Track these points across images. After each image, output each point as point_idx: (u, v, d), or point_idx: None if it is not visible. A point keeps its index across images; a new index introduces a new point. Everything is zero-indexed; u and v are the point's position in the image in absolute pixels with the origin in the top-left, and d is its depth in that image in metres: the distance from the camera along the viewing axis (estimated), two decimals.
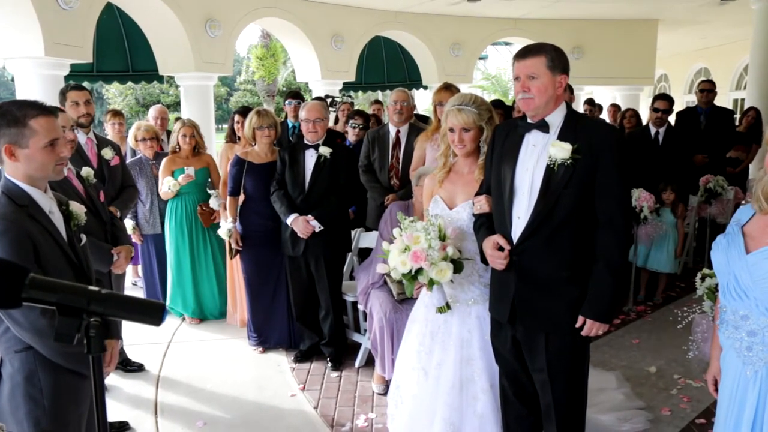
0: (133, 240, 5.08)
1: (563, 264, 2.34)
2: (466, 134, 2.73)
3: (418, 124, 5.16)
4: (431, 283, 2.61)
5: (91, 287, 1.12)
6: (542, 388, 2.50)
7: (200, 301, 5.14)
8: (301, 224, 4.08)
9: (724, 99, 14.23)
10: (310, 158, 4.15)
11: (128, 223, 4.96)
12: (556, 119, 2.34)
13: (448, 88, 4.24)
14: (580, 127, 2.30)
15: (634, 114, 7.64)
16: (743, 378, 1.95)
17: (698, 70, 16.97)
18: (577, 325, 2.36)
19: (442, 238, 2.60)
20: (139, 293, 5.63)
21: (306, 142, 4.17)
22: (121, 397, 3.85)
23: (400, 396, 3.03)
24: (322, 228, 4.08)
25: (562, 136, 2.31)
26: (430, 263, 2.54)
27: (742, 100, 13.38)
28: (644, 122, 8.60)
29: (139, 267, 5.84)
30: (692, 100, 14.19)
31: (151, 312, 1.13)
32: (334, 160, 4.13)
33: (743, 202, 7.43)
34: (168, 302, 5.13)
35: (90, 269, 2.15)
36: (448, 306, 2.73)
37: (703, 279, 2.77)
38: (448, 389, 2.79)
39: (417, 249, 2.54)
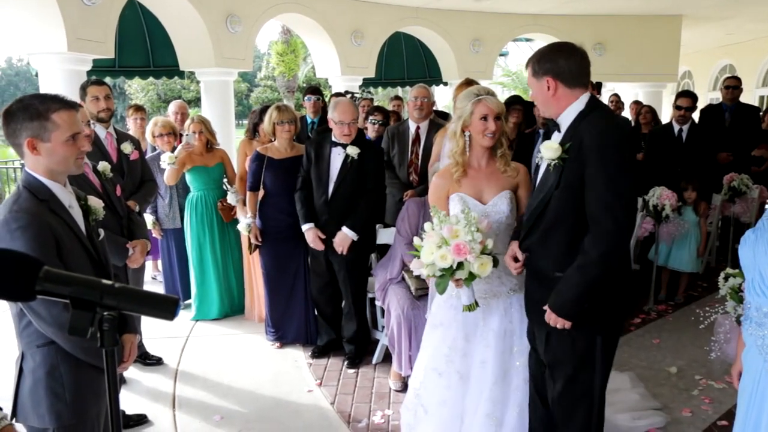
0: (153, 235, 5.12)
1: (557, 263, 2.35)
2: (498, 122, 2.71)
3: (438, 121, 5.14)
4: (470, 278, 2.49)
5: (105, 281, 1.12)
6: (548, 385, 2.54)
7: (223, 296, 5.16)
8: (312, 236, 4.08)
9: (749, 96, 13.96)
10: (337, 156, 4.05)
11: (148, 218, 5.00)
12: (566, 119, 2.32)
13: (469, 84, 4.19)
14: (582, 125, 2.25)
15: (650, 110, 7.51)
16: (764, 374, 1.92)
17: (723, 67, 16.67)
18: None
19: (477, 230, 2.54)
20: (159, 288, 5.68)
21: (334, 139, 4.07)
22: (140, 390, 3.89)
23: (421, 405, 2.91)
24: (357, 237, 4.02)
25: (566, 136, 2.29)
26: (476, 256, 2.42)
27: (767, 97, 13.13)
28: (664, 119, 8.51)
29: (159, 261, 5.89)
30: (716, 97, 13.97)
31: (165, 306, 1.12)
32: (361, 162, 4.01)
33: (767, 201, 7.30)
34: (194, 302, 5.15)
35: (108, 264, 2.17)
36: (477, 303, 2.63)
37: (726, 279, 2.73)
38: (491, 385, 2.73)
39: (459, 242, 2.42)
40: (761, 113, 7.40)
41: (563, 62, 2.27)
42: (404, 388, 3.85)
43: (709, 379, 3.94)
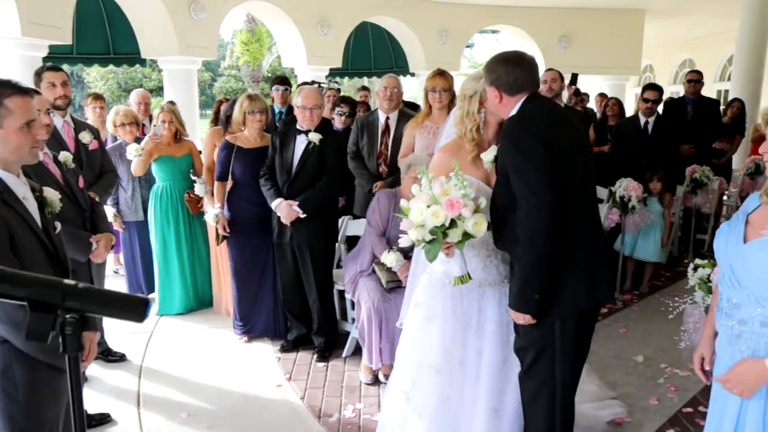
0: (115, 228, 4.96)
1: (510, 254, 2.48)
2: None
3: (407, 111, 5.09)
4: (464, 238, 2.40)
5: (67, 281, 1.04)
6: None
7: (188, 290, 5.03)
8: (285, 209, 4.02)
9: (708, 90, 14.25)
10: (300, 144, 4.07)
11: (109, 211, 4.84)
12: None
13: (442, 75, 4.17)
14: (504, 125, 2.48)
15: (617, 102, 7.62)
16: (734, 363, 1.94)
17: (683, 61, 17.05)
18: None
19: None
20: (121, 281, 5.52)
21: (298, 127, 4.09)
22: (103, 388, 3.76)
23: (413, 410, 2.72)
24: (305, 215, 4.00)
25: None
26: (470, 211, 2.36)
27: (726, 91, 13.45)
28: (628, 111, 8.64)
29: (121, 255, 5.74)
30: (677, 90, 14.28)
31: (134, 307, 1.04)
32: (322, 147, 4.06)
33: (726, 192, 7.49)
34: (156, 295, 5.01)
35: (66, 258, 2.05)
36: (469, 275, 2.56)
37: (695, 269, 2.75)
38: (492, 375, 2.67)
39: (452, 197, 2.36)
40: (722, 107, 7.58)
41: (504, 75, 2.45)
42: (375, 381, 3.83)
43: (674, 367, 4.02)
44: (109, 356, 4.10)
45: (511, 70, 2.44)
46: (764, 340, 1.85)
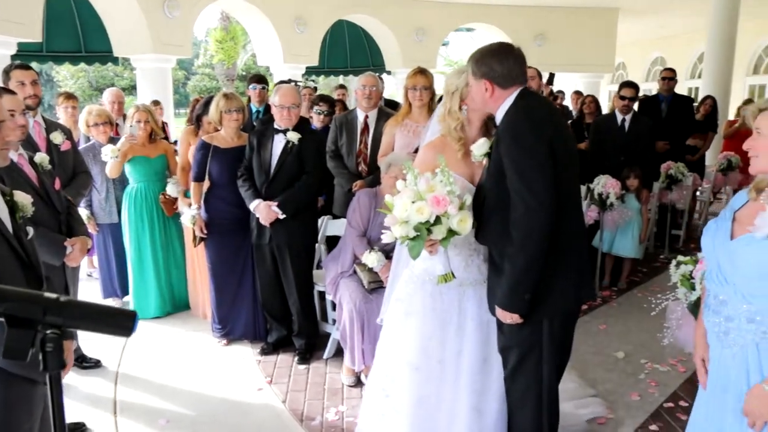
0: (89, 230, 4.84)
1: (502, 253, 2.40)
2: None
3: (386, 110, 5.06)
4: (449, 236, 2.37)
5: (48, 294, 0.97)
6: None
7: (163, 293, 4.93)
8: (264, 210, 3.95)
9: (679, 87, 14.47)
10: (279, 144, 4.00)
11: (83, 213, 4.70)
12: (499, 115, 2.44)
13: (423, 73, 4.15)
14: (501, 121, 2.41)
15: (594, 100, 7.71)
16: (722, 360, 1.95)
17: (655, 59, 17.30)
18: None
19: None
20: (94, 285, 5.40)
21: (276, 126, 4.03)
22: (78, 395, 3.66)
23: (391, 407, 2.71)
24: (284, 216, 3.95)
25: (497, 131, 2.44)
26: (456, 208, 2.32)
27: (697, 88, 13.68)
28: (603, 109, 8.72)
29: (94, 258, 5.61)
30: (649, 88, 14.46)
31: (120, 321, 0.98)
32: (301, 147, 3.99)
33: (700, 188, 7.60)
34: (132, 299, 4.92)
35: (39, 265, 1.96)
36: (453, 274, 2.53)
37: (677, 266, 2.76)
38: (473, 374, 2.64)
39: (438, 194, 2.32)
40: (695, 104, 7.69)
41: (498, 66, 2.38)
42: (357, 383, 3.78)
43: (655, 363, 4.05)
44: (84, 363, 3.99)
45: (504, 61, 2.38)
46: (751, 336, 1.86)
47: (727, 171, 7.71)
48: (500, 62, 2.38)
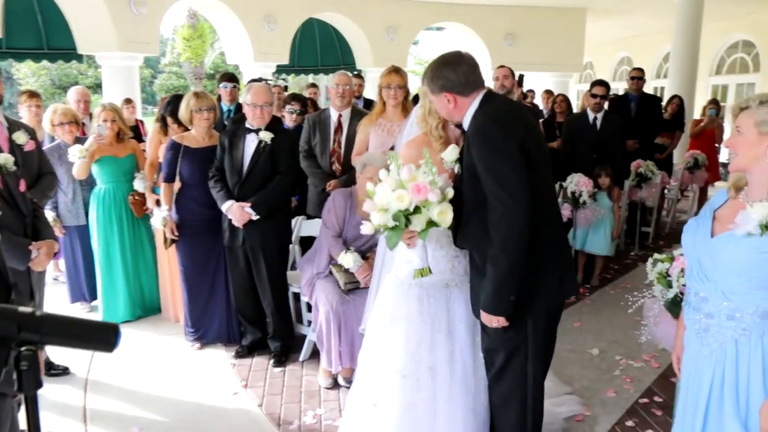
0: (55, 233, 4.70)
1: (483, 255, 2.37)
2: None
3: (360, 108, 5.02)
4: (428, 227, 2.32)
5: (23, 309, 0.90)
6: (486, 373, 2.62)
7: (133, 296, 4.81)
8: (237, 211, 3.88)
9: (645, 87, 14.78)
10: (251, 143, 3.93)
11: (48, 215, 4.56)
12: (466, 121, 2.43)
13: (397, 71, 4.13)
14: (469, 124, 2.38)
15: (565, 99, 7.78)
16: (701, 358, 1.97)
17: (621, 59, 17.58)
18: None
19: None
20: (61, 289, 5.24)
21: (248, 126, 3.95)
22: (45, 404, 3.53)
23: (380, 417, 2.61)
24: (258, 217, 3.88)
25: (466, 136, 2.43)
26: (437, 197, 2.28)
27: (662, 88, 13.95)
28: (573, 108, 8.82)
29: (61, 261, 5.45)
30: (616, 87, 14.68)
31: (101, 336, 0.91)
32: (274, 147, 3.93)
33: (668, 186, 7.75)
34: (100, 303, 4.79)
35: (6, 272, 1.87)
36: (429, 269, 2.49)
37: (654, 264, 2.78)
38: (467, 376, 2.60)
39: (419, 181, 2.28)
40: (663, 103, 7.83)
41: (452, 75, 2.36)
42: (335, 384, 3.74)
43: (629, 359, 4.09)
44: (51, 370, 3.86)
45: (457, 68, 2.37)
46: (731, 333, 1.88)
47: (693, 169, 7.86)
48: (454, 71, 2.36)
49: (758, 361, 1.85)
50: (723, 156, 10.79)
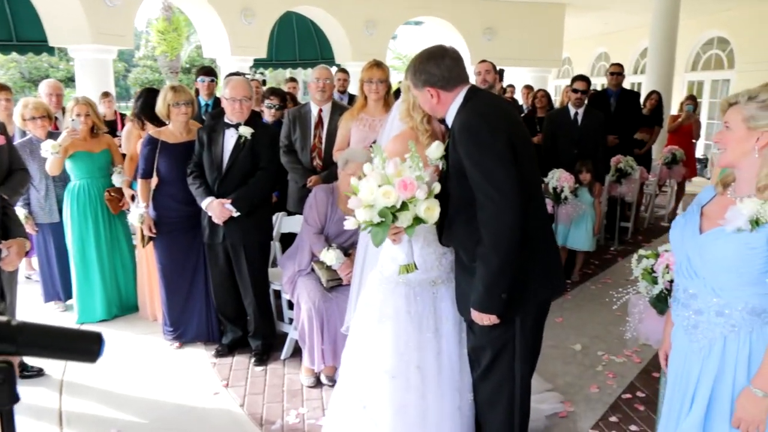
0: (27, 230, 4.56)
1: (470, 253, 2.34)
2: None
3: (341, 103, 4.96)
4: (414, 223, 2.28)
5: None
6: (472, 371, 2.58)
7: (110, 294, 4.70)
8: (217, 208, 3.80)
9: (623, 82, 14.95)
10: (230, 139, 3.84)
11: (20, 212, 4.44)
12: (449, 117, 2.38)
13: (379, 66, 4.08)
14: (454, 120, 2.33)
15: (545, 94, 7.82)
16: (690, 354, 1.96)
17: (599, 54, 17.73)
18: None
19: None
20: (35, 288, 5.11)
21: (227, 121, 3.86)
22: (19, 408, 3.36)
23: (370, 418, 2.56)
24: (238, 214, 3.81)
25: (450, 132, 2.37)
26: (424, 193, 2.22)
27: (639, 83, 14.09)
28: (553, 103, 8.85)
29: (34, 259, 5.31)
30: (594, 83, 14.79)
31: (84, 346, 0.84)
32: (254, 142, 3.84)
33: (646, 181, 7.82)
34: (75, 302, 4.67)
35: None
36: (415, 265, 2.45)
37: (639, 260, 2.78)
38: (454, 373, 2.56)
39: (406, 178, 2.22)
40: (641, 99, 7.88)
41: (436, 70, 2.33)
42: (317, 383, 3.69)
43: (611, 354, 4.11)
44: (25, 372, 3.75)
45: (440, 63, 2.33)
46: (720, 329, 1.88)
47: (671, 164, 7.95)
48: (437, 65, 2.32)
49: (744, 358, 1.85)
50: (699, 151, 10.95)
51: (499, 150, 2.20)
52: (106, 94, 7.09)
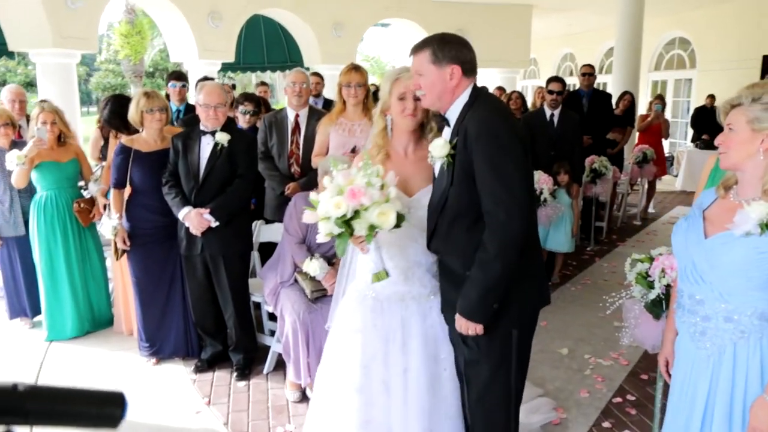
0: None
1: (464, 261, 2.23)
2: (418, 102, 2.39)
3: (318, 108, 4.86)
4: (371, 230, 2.18)
5: (1, 384, 0.71)
6: (463, 389, 2.45)
7: (81, 310, 4.50)
8: (195, 219, 3.66)
9: None
10: (206, 146, 3.71)
11: None
12: (453, 112, 2.26)
13: (357, 69, 4.00)
14: (468, 118, 2.19)
15: (520, 96, 7.81)
16: (697, 361, 1.92)
17: (564, 55, 17.94)
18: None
19: (382, 186, 2.23)
20: (0, 304, 4.88)
21: (202, 128, 3.72)
22: None
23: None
24: (217, 224, 3.68)
25: (454, 130, 2.23)
26: (371, 199, 2.13)
27: (604, 83, 14.29)
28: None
29: None
30: None
31: (104, 409, 0.71)
32: (231, 149, 3.71)
33: (619, 180, 7.89)
34: (44, 319, 4.47)
35: None
36: (386, 272, 2.34)
37: (633, 264, 2.75)
38: (421, 394, 2.44)
39: (354, 186, 2.14)
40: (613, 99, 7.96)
41: (467, 52, 2.23)
42: (303, 398, 3.58)
43: (597, 357, 4.09)
44: None
45: (469, 50, 2.23)
46: (728, 335, 1.84)
47: (642, 163, 8.04)
48: (468, 49, 2.22)
49: (756, 365, 1.82)
50: (666, 150, 11.12)
51: (515, 149, 2.11)
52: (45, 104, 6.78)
